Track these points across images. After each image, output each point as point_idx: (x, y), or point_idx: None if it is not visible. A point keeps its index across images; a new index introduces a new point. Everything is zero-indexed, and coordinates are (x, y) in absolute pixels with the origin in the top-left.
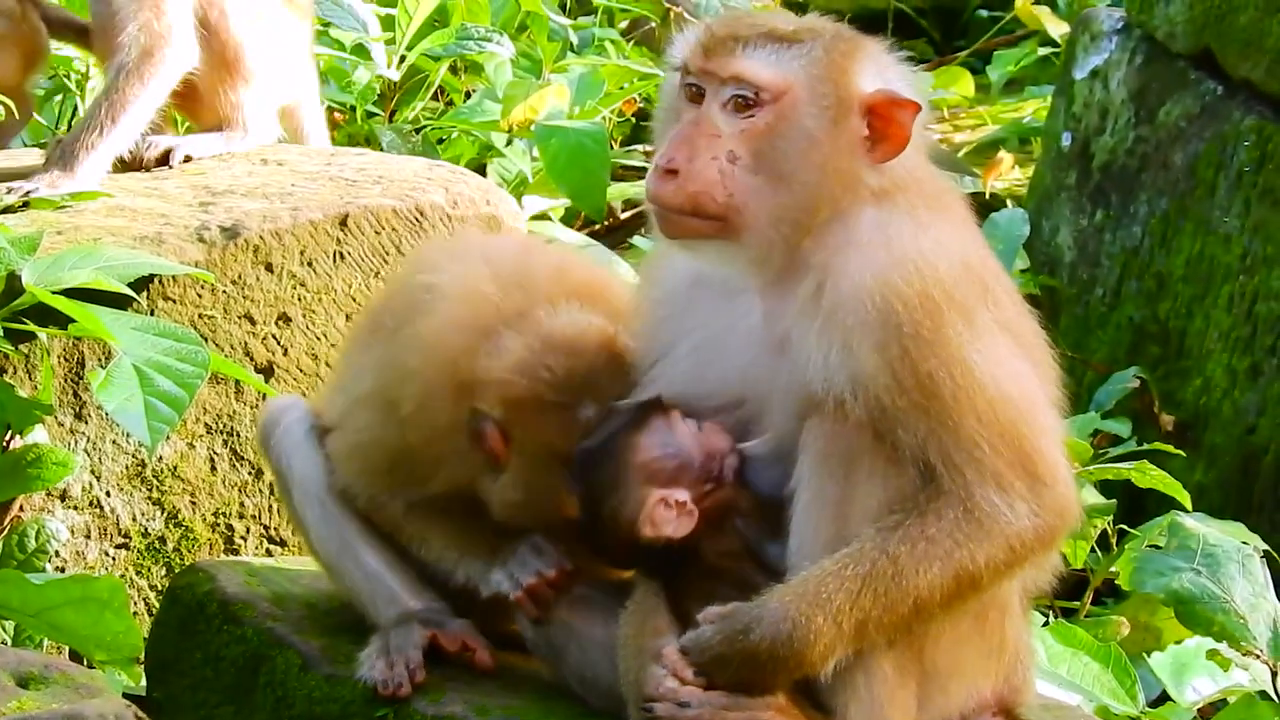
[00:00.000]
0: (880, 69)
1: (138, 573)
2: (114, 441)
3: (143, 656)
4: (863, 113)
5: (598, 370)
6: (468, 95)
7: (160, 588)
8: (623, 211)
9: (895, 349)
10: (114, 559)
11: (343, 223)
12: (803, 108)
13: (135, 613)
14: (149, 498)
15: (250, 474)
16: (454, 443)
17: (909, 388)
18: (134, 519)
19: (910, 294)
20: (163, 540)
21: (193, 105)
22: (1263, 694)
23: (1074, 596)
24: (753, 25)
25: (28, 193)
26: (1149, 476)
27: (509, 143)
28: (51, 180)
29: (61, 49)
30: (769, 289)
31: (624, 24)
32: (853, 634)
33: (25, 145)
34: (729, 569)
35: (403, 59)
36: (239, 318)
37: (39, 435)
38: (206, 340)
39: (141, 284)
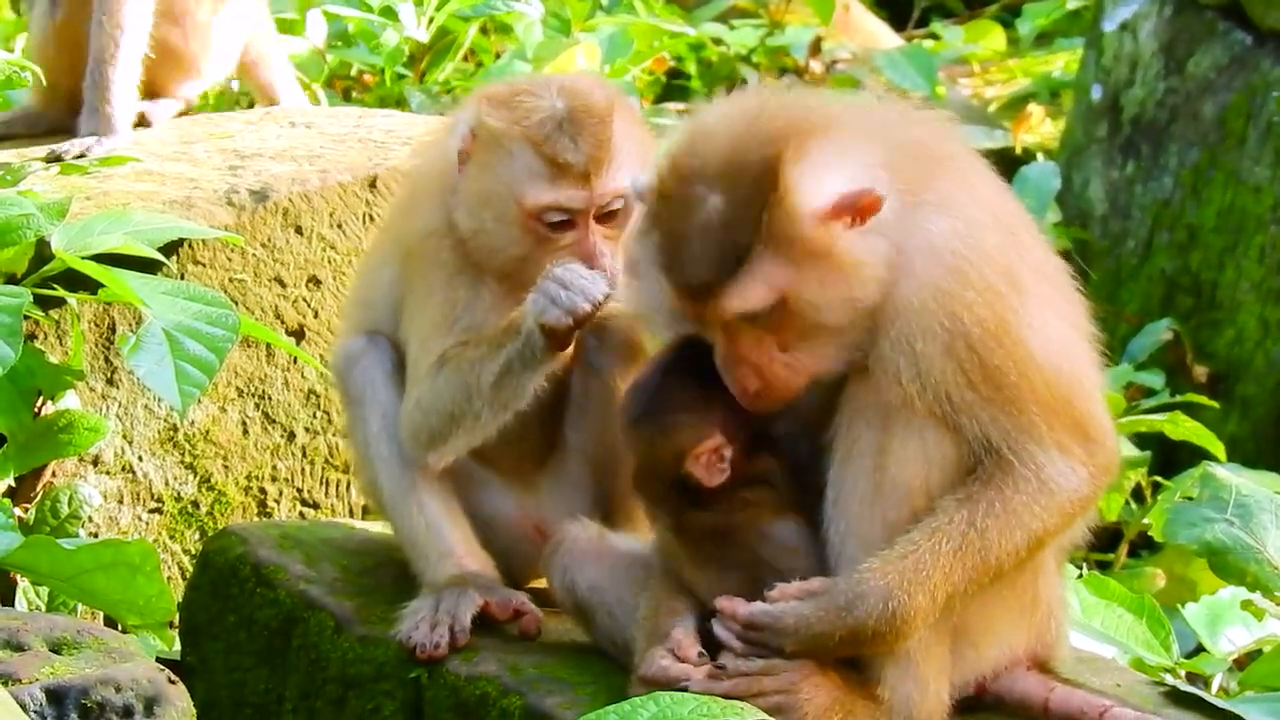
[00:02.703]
0: (816, 173)
1: (171, 537)
2: (145, 406)
3: (176, 620)
4: (833, 223)
5: (575, 80)
6: (497, 56)
7: (193, 552)
8: None
9: (963, 350)
10: (147, 524)
11: (372, 184)
12: (802, 288)
13: (169, 577)
14: (181, 462)
15: (283, 437)
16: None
17: (977, 382)
18: (166, 484)
19: (973, 297)
20: (196, 504)
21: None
22: None
23: (1109, 549)
24: (712, 252)
25: (81, 153)
26: (1182, 428)
27: None
28: (97, 129)
29: None
30: None
31: None
32: (944, 605)
33: None
34: (742, 526)
35: (431, 20)
36: (269, 281)
37: (70, 401)
38: (237, 304)
39: (171, 248)
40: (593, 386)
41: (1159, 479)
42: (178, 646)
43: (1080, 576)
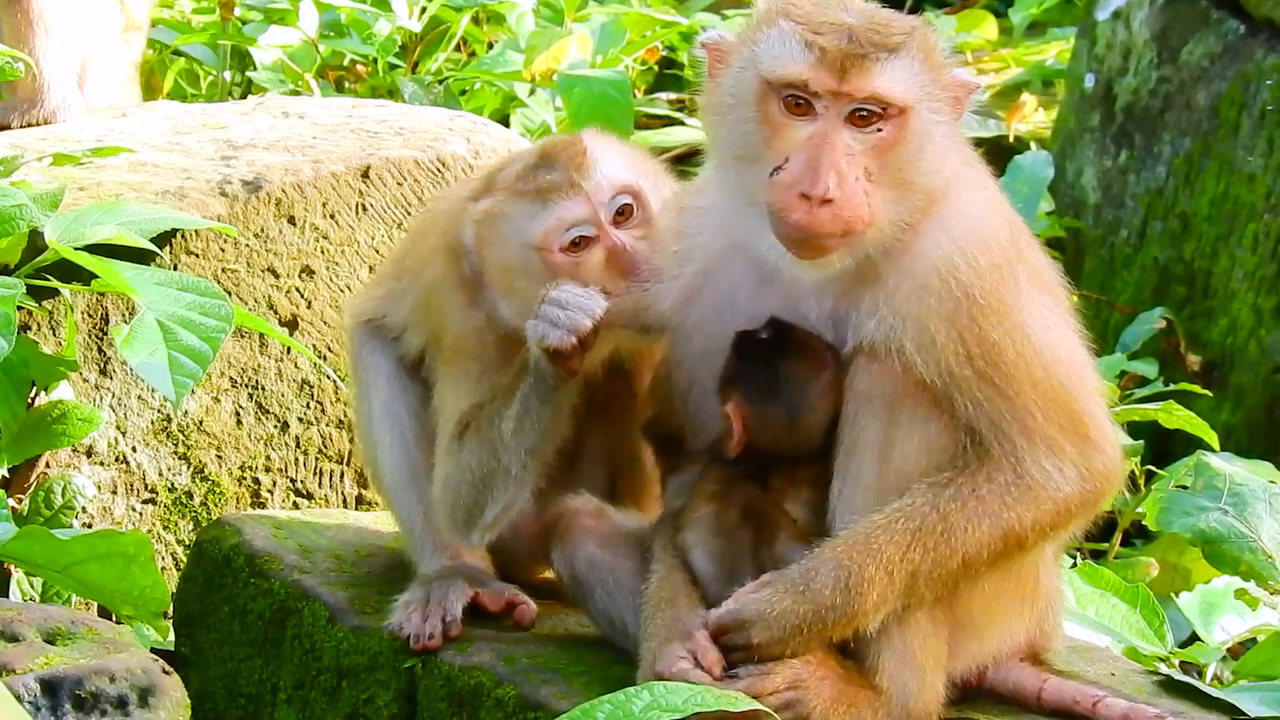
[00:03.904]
0: (944, 54)
1: (165, 528)
2: (139, 397)
3: (170, 611)
4: (954, 92)
5: (555, 147)
6: (490, 46)
7: (187, 542)
8: None
9: (965, 319)
10: (141, 514)
11: (365, 174)
12: (923, 115)
13: (162, 568)
14: (175, 452)
15: (276, 427)
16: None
17: (975, 356)
18: (160, 474)
19: (984, 265)
20: (189, 495)
21: None
22: None
23: (1102, 538)
24: (871, 39)
25: None
26: (1176, 417)
27: (532, 93)
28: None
29: None
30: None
31: None
32: (904, 586)
33: None
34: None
35: (423, 10)
36: (262, 271)
37: (64, 391)
38: (230, 294)
39: (164, 239)
40: (617, 385)
41: (1152, 468)
42: (172, 637)
43: (1074, 566)
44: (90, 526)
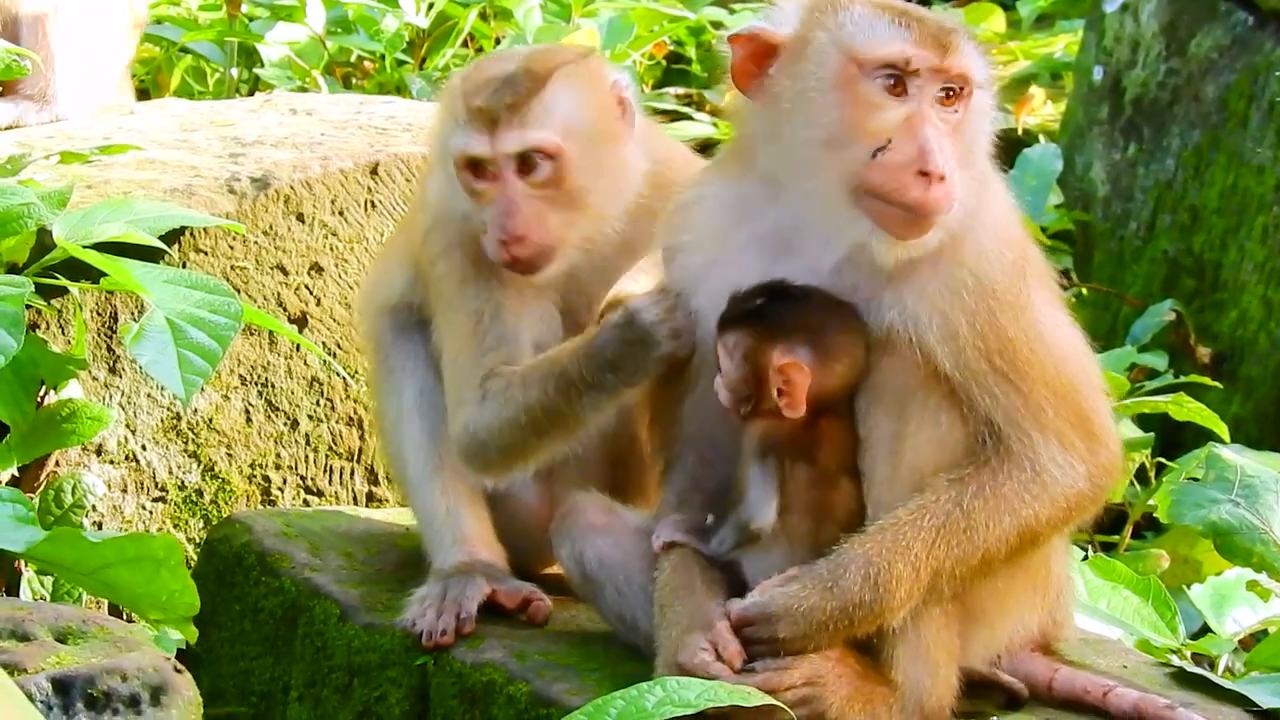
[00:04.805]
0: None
1: (175, 526)
2: (148, 395)
3: None
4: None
5: (549, 47)
6: (497, 41)
7: (198, 540)
8: None
9: (986, 314)
10: (151, 513)
11: (373, 171)
12: (985, 97)
13: None
14: (185, 450)
15: (286, 425)
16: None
17: (993, 351)
18: (170, 472)
19: (1007, 261)
20: (199, 493)
21: None
22: None
23: (1113, 531)
24: (946, 19)
25: None
26: (1186, 409)
27: None
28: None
29: None
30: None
31: None
32: (928, 582)
33: None
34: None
35: (430, 5)
36: (271, 268)
37: (73, 390)
38: (239, 292)
39: (173, 236)
40: None
41: (1163, 460)
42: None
43: (1085, 559)
44: (100, 525)
